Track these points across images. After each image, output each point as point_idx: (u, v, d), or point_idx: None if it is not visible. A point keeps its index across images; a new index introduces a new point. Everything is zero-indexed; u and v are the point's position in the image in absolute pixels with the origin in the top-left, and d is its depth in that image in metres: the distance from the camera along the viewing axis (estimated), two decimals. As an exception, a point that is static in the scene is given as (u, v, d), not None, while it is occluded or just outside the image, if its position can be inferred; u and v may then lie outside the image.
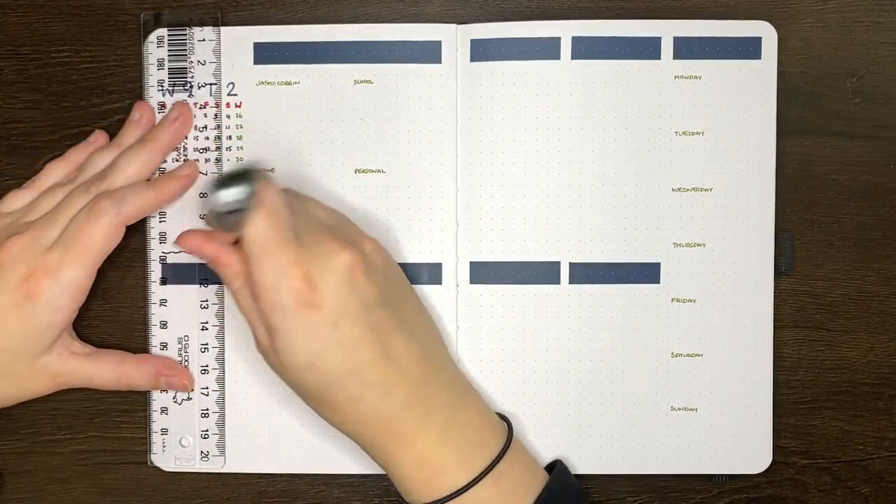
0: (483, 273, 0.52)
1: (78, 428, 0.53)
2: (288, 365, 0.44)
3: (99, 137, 0.52)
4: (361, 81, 0.52)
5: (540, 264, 0.52)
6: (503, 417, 0.50)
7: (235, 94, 0.52)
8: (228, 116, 0.52)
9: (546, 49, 0.51)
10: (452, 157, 0.52)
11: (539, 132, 0.52)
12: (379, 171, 0.52)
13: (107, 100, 0.52)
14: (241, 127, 0.52)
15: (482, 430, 0.47)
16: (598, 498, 0.53)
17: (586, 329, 0.52)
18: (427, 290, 0.52)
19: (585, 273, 0.52)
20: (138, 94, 0.52)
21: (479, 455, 0.46)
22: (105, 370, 0.50)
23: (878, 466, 0.53)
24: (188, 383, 0.52)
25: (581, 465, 0.52)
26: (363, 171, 0.52)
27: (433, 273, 0.52)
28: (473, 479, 0.45)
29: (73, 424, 0.53)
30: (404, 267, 0.51)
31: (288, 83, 0.52)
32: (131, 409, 0.53)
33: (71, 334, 0.50)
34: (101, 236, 0.47)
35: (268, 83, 0.52)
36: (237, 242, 0.44)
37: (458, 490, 0.44)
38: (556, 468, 0.49)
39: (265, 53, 0.52)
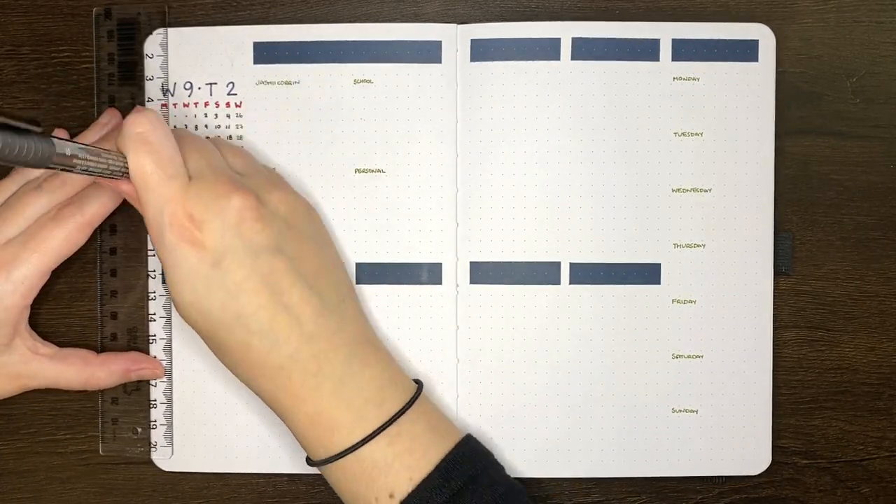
0: (483, 273, 0.52)
1: (78, 428, 0.53)
2: (177, 302, 0.44)
3: (60, 134, 0.52)
4: (361, 81, 0.52)
5: (540, 264, 0.52)
6: (416, 381, 0.49)
7: (235, 94, 0.52)
8: (228, 116, 0.52)
9: (546, 50, 0.52)
10: (452, 157, 0.52)
11: (539, 132, 0.52)
12: (379, 171, 0.52)
13: (117, 103, 0.52)
14: (241, 127, 0.52)
15: (384, 390, 0.46)
16: (597, 497, 0.53)
17: (586, 330, 0.52)
18: (427, 290, 0.52)
19: (585, 273, 0.52)
20: (149, 96, 0.52)
21: (375, 414, 0.45)
22: (70, 372, 0.50)
23: (878, 466, 0.53)
24: (159, 372, 0.52)
25: (581, 467, 0.52)
26: (363, 171, 0.52)
27: (433, 273, 0.52)
28: (365, 438, 0.44)
29: (72, 424, 0.53)
30: (404, 267, 0.51)
31: (288, 83, 0.52)
32: (132, 408, 0.53)
33: (32, 335, 0.50)
34: (62, 237, 0.47)
35: (268, 83, 0.52)
36: None
37: (349, 448, 0.44)
38: (465, 436, 0.48)
39: (265, 53, 0.52)
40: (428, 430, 0.46)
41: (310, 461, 0.46)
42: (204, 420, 0.52)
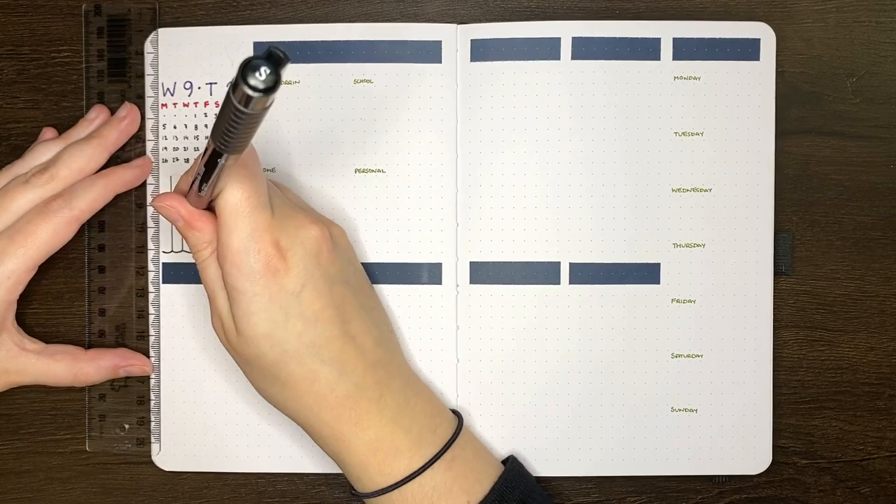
0: (483, 273, 0.52)
1: (78, 428, 0.53)
2: (248, 334, 0.43)
3: (47, 132, 0.52)
4: (361, 81, 0.52)
5: (540, 264, 0.52)
6: (454, 412, 0.50)
7: (235, 94, 0.52)
8: (228, 116, 0.52)
9: (546, 49, 0.52)
10: (452, 157, 0.52)
11: (539, 132, 0.52)
12: (379, 171, 0.52)
13: (107, 100, 0.52)
14: (241, 127, 0.52)
15: (434, 417, 0.47)
16: (597, 498, 0.53)
17: (586, 329, 0.52)
18: (427, 290, 0.52)
19: (585, 273, 0.52)
20: (139, 93, 0.52)
21: (431, 440, 0.46)
22: (59, 368, 0.50)
23: (878, 466, 0.53)
24: (148, 368, 0.52)
25: (581, 466, 0.52)
26: (363, 171, 0.52)
27: (433, 273, 0.52)
28: (427, 463, 0.45)
29: (72, 424, 0.53)
30: (404, 267, 0.51)
31: (288, 83, 0.52)
32: (132, 408, 0.53)
33: (19, 331, 0.50)
34: (50, 232, 0.47)
35: (268, 83, 0.52)
36: (209, 210, 0.44)
37: (413, 473, 0.45)
38: (510, 458, 0.50)
39: (265, 53, 0.52)
40: (475, 455, 0.48)
41: (359, 494, 0.47)
42: (204, 420, 0.52)
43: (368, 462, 0.45)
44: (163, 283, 0.52)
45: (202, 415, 0.52)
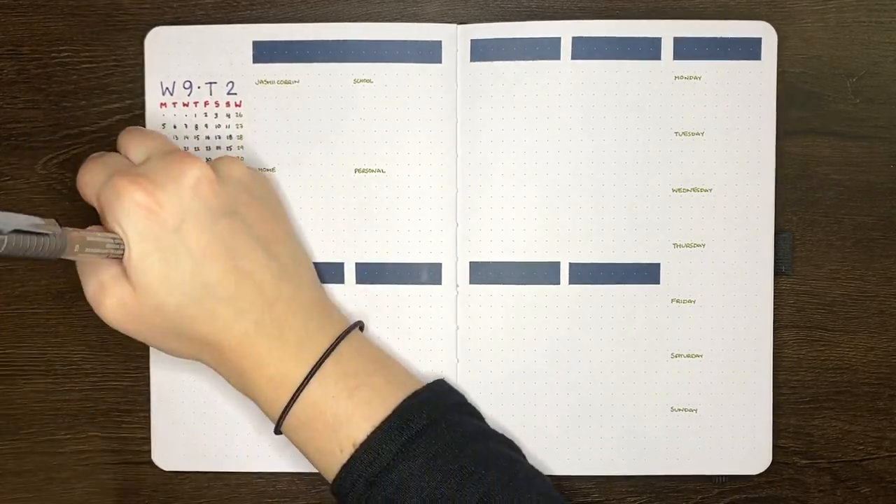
0: (483, 273, 0.52)
1: (78, 428, 0.53)
2: (143, 284, 0.42)
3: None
4: (361, 81, 0.52)
5: (540, 264, 0.52)
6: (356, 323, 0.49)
7: (235, 94, 0.52)
8: (228, 116, 0.52)
9: (546, 49, 0.51)
10: (452, 157, 0.52)
11: (539, 132, 0.52)
12: (379, 171, 0.52)
13: (107, 100, 0.53)
14: (241, 126, 0.52)
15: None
16: (598, 498, 0.53)
17: (586, 330, 0.52)
18: (427, 290, 0.52)
19: (585, 273, 0.52)
20: (138, 94, 0.52)
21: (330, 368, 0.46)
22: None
23: (878, 466, 0.53)
24: None
25: (581, 466, 0.52)
26: (363, 171, 0.52)
27: (433, 273, 0.52)
28: (307, 376, 0.45)
29: (73, 424, 0.53)
30: (404, 267, 0.52)
31: (287, 82, 0.52)
32: (132, 408, 0.53)
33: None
34: None
35: (267, 82, 0.52)
36: None
37: (299, 388, 0.44)
38: (428, 383, 0.48)
39: (264, 52, 0.52)
40: (387, 383, 0.46)
41: (277, 430, 0.46)
42: (204, 419, 0.52)
43: (271, 397, 0.45)
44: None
45: (202, 414, 0.52)
